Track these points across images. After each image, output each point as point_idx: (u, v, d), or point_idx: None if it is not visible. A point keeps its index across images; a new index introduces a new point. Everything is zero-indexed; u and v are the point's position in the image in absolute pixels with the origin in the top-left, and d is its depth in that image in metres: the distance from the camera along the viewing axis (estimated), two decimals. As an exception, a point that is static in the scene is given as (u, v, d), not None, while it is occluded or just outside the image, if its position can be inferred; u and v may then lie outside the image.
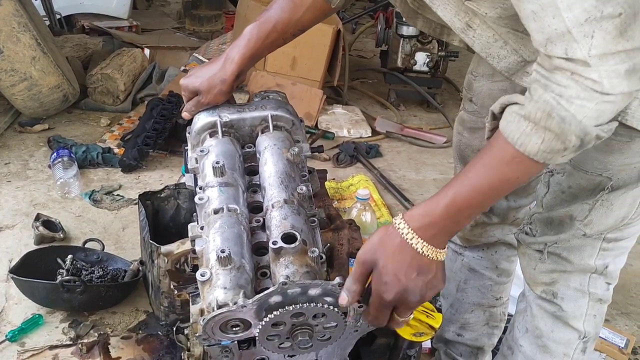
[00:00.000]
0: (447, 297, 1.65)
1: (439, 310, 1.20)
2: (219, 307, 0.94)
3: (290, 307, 0.93)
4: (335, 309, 0.97)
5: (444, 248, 0.96)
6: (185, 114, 1.27)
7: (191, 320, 0.98)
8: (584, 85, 0.79)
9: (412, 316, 1.01)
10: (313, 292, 0.95)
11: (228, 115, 1.21)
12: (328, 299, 0.96)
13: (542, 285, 1.25)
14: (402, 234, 0.93)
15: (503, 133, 0.87)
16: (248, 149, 1.23)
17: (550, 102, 0.82)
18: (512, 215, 1.45)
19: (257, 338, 0.97)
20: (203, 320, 0.94)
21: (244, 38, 1.20)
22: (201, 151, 1.17)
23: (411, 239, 0.92)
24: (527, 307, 1.32)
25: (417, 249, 0.93)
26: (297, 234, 1.01)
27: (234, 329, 0.97)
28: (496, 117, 0.92)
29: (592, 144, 0.85)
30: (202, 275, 0.97)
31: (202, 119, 1.22)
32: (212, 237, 1.02)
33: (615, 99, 0.80)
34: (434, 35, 1.22)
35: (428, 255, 0.93)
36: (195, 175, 1.19)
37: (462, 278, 1.59)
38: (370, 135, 3.30)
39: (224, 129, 1.20)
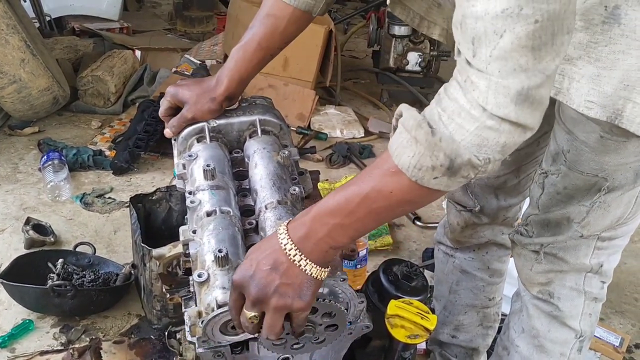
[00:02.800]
0: (440, 299, 1.65)
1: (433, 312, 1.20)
2: (219, 306, 0.93)
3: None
4: (344, 308, 0.97)
5: (323, 267, 0.88)
6: (167, 132, 1.22)
7: (188, 324, 0.97)
8: (470, 98, 0.74)
9: (253, 315, 0.89)
10: (321, 290, 0.94)
11: (215, 121, 1.20)
12: (335, 298, 0.96)
13: (539, 285, 1.25)
14: (281, 242, 0.87)
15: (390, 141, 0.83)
16: (236, 154, 1.22)
17: (433, 116, 0.77)
18: (502, 214, 1.44)
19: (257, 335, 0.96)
20: (202, 321, 0.93)
21: (232, 60, 1.18)
22: (189, 156, 1.16)
23: (285, 245, 0.87)
24: (522, 307, 1.31)
25: (285, 250, 0.87)
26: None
27: (233, 329, 0.96)
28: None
29: (466, 174, 0.78)
30: (199, 276, 0.96)
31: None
32: (206, 239, 1.01)
33: (498, 127, 0.74)
34: (412, 26, 1.20)
35: (294, 260, 0.86)
36: (183, 181, 1.18)
37: (454, 280, 1.59)
38: (363, 135, 3.29)
39: (211, 134, 1.19)
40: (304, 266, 0.87)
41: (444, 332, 1.65)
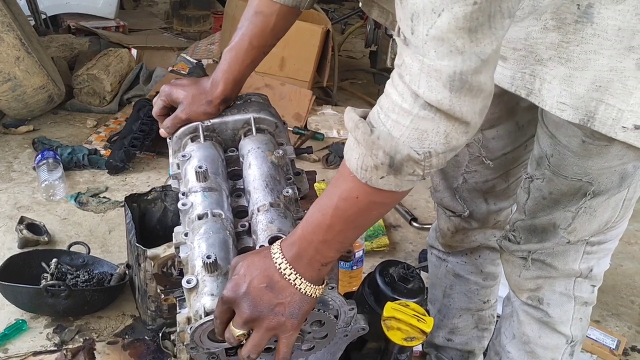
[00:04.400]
0: (434, 302, 1.64)
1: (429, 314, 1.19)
2: (207, 314, 0.91)
3: None
4: (333, 317, 0.95)
5: (319, 284, 0.87)
6: (162, 132, 1.20)
7: (177, 329, 0.95)
8: (401, 90, 0.72)
9: (242, 332, 0.87)
10: None
11: (210, 119, 1.18)
12: (325, 306, 0.95)
13: (528, 291, 1.24)
14: (276, 261, 0.86)
15: None
16: (231, 153, 1.20)
17: (374, 115, 0.76)
18: (493, 218, 1.43)
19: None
20: (190, 328, 0.91)
21: (225, 62, 1.16)
22: (183, 156, 1.14)
23: (280, 264, 0.85)
24: (513, 312, 1.30)
25: (280, 269, 0.85)
26: (284, 237, 0.99)
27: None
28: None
29: (411, 171, 0.75)
30: (188, 282, 0.94)
31: None
32: (197, 244, 0.99)
33: (433, 116, 0.71)
34: (389, 28, 1.18)
35: (290, 279, 0.85)
36: (177, 181, 1.17)
37: (448, 284, 1.57)
38: (359, 136, 3.28)
39: (205, 133, 1.17)
40: (299, 285, 0.85)
41: (439, 335, 1.64)
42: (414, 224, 2.53)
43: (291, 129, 3.12)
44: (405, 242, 2.44)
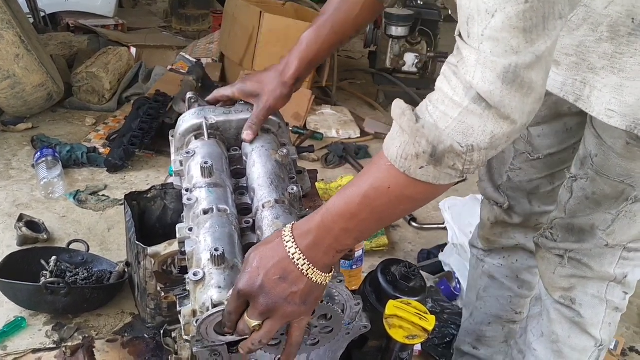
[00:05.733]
0: (468, 306, 1.64)
1: (432, 313, 1.19)
2: (214, 306, 0.91)
3: None
4: (340, 311, 0.96)
5: (328, 272, 0.89)
6: (248, 134, 1.15)
7: (182, 323, 0.96)
8: (454, 85, 0.75)
9: (257, 323, 0.88)
10: None
11: (214, 118, 1.19)
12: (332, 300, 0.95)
13: (561, 290, 1.24)
14: (289, 251, 0.87)
15: None
16: (234, 152, 1.21)
17: (421, 107, 0.78)
18: (535, 219, 1.42)
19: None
20: (197, 320, 0.91)
21: (302, 43, 1.16)
22: (187, 153, 1.15)
23: (293, 255, 0.86)
24: (542, 311, 1.30)
25: (294, 260, 0.86)
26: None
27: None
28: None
29: (451, 163, 0.76)
30: (194, 275, 0.95)
31: (187, 121, 1.19)
32: (202, 237, 0.99)
33: (482, 112, 0.73)
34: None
35: (302, 270, 0.86)
36: (180, 178, 1.17)
37: (482, 286, 1.57)
38: (359, 136, 3.29)
39: (209, 131, 1.18)
40: (311, 275, 0.87)
41: (466, 340, 1.63)
42: (413, 224, 2.53)
43: (290, 128, 3.12)
44: (404, 242, 2.44)
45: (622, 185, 1.06)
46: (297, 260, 0.86)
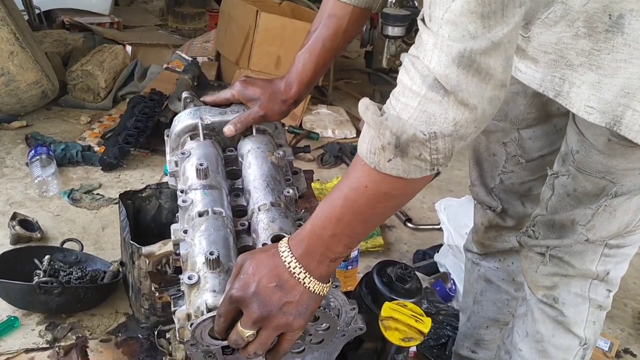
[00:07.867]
0: (465, 310, 1.64)
1: (427, 314, 1.18)
2: (209, 310, 0.91)
3: None
4: (330, 312, 0.95)
5: (326, 282, 0.88)
6: (230, 128, 1.16)
7: (177, 326, 0.95)
8: (412, 75, 0.75)
9: (251, 333, 0.87)
10: None
11: (210, 118, 1.18)
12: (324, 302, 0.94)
13: (543, 289, 1.24)
14: (285, 260, 0.86)
15: None
16: (229, 153, 1.20)
17: (387, 103, 0.79)
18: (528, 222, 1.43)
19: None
20: (191, 325, 0.90)
21: (299, 64, 1.18)
22: (182, 153, 1.14)
23: (289, 263, 0.86)
24: (527, 311, 1.30)
25: (289, 268, 0.86)
26: (286, 235, 0.99)
27: None
28: None
29: (417, 153, 0.76)
30: (189, 278, 0.94)
31: (182, 121, 1.19)
32: (197, 240, 0.98)
33: (440, 99, 0.74)
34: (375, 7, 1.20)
35: (299, 278, 0.86)
36: (175, 178, 1.16)
37: (479, 289, 1.57)
38: (355, 136, 3.28)
39: (205, 131, 1.17)
40: (308, 283, 0.86)
41: (464, 345, 1.63)
42: (409, 224, 2.53)
43: (286, 128, 3.11)
44: (399, 243, 2.44)
45: (603, 182, 1.06)
46: (293, 268, 0.86)
